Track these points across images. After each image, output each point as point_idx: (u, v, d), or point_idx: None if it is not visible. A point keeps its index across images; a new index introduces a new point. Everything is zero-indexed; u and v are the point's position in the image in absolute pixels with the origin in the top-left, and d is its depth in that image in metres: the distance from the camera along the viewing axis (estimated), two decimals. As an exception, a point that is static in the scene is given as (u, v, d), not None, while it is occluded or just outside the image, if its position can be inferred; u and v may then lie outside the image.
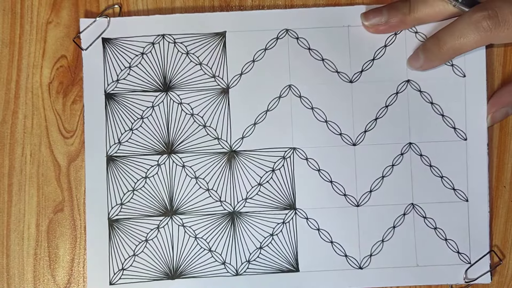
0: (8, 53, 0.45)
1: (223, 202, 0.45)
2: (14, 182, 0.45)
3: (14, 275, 0.45)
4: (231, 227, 0.44)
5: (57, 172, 0.45)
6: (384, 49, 0.45)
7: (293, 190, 0.45)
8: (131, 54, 0.45)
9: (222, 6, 0.46)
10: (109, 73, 0.45)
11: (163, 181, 0.44)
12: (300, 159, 0.45)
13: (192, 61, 0.45)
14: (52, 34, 0.45)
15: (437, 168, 0.44)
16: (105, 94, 0.45)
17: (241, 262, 0.44)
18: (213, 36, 0.45)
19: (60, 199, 0.45)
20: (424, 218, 0.44)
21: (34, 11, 0.45)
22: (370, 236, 0.44)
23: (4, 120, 0.45)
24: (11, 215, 0.45)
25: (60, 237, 0.45)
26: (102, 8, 0.45)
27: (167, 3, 0.46)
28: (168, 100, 0.45)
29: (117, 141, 0.45)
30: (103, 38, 0.45)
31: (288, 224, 0.44)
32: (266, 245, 0.44)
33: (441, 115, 0.45)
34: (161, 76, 0.45)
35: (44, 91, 0.45)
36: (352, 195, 0.44)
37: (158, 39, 0.45)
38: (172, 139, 0.45)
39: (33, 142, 0.45)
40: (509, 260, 0.45)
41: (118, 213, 0.44)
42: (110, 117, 0.45)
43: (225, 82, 0.45)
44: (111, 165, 0.44)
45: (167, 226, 0.44)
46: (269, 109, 0.45)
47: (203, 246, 0.44)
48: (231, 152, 0.45)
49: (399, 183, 0.44)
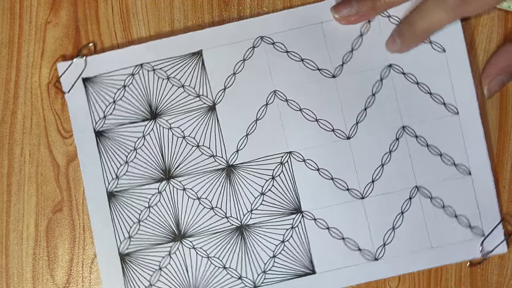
0: (7, 53, 0.46)
1: (229, 218, 0.45)
2: (13, 182, 0.45)
3: (13, 275, 0.45)
4: (241, 241, 0.44)
5: (56, 172, 0.45)
6: (360, 39, 0.45)
7: (296, 194, 0.44)
8: (113, 89, 0.45)
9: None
10: (95, 111, 0.45)
11: (166, 207, 0.45)
12: (297, 161, 0.45)
13: (174, 85, 0.45)
14: (51, 34, 0.46)
15: (435, 146, 0.44)
16: (95, 132, 0.45)
17: (257, 274, 0.44)
18: (191, 57, 0.45)
19: (59, 199, 0.45)
20: (430, 199, 0.44)
21: (33, 11, 0.46)
22: (380, 226, 0.44)
23: (3, 120, 0.45)
24: (10, 215, 0.45)
25: (59, 237, 0.45)
26: (101, 8, 0.46)
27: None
28: (158, 127, 0.45)
29: (115, 176, 0.45)
30: (83, 78, 0.45)
31: (297, 229, 0.44)
32: (279, 253, 0.44)
33: (429, 93, 0.44)
34: (147, 104, 0.45)
35: (43, 91, 0.46)
36: (355, 188, 0.44)
37: (137, 69, 0.45)
38: (169, 164, 0.45)
39: (32, 142, 0.45)
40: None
41: (128, 246, 0.44)
42: (103, 153, 0.45)
43: (211, 100, 0.45)
44: (113, 200, 0.45)
45: (178, 251, 0.44)
46: (259, 118, 0.45)
47: (217, 265, 0.44)
48: (229, 167, 0.45)
49: (399, 168, 0.44)
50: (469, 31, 0.45)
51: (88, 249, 0.45)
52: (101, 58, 0.45)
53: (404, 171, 0.44)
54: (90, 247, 0.45)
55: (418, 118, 0.44)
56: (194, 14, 0.46)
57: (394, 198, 0.44)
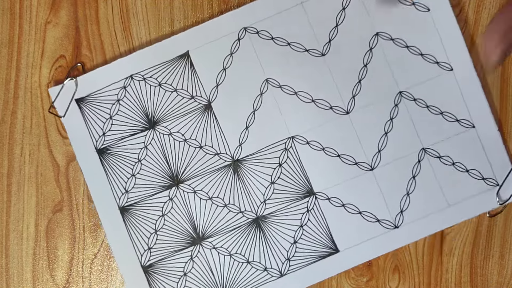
0: (7, 53, 0.46)
1: (244, 212, 0.44)
2: (13, 182, 0.45)
3: (13, 275, 0.45)
4: (260, 233, 0.44)
5: (56, 172, 0.45)
6: (343, 12, 0.45)
7: (306, 177, 0.44)
8: (108, 104, 0.45)
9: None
10: (93, 129, 0.45)
11: (180, 212, 0.45)
12: (301, 145, 0.45)
13: (167, 90, 0.45)
14: (51, 34, 0.46)
15: (435, 106, 0.44)
16: (96, 151, 0.45)
17: (281, 262, 0.44)
18: (178, 60, 0.45)
19: (59, 199, 0.45)
20: (439, 158, 0.44)
21: (33, 11, 0.46)
22: (394, 193, 0.44)
23: (3, 120, 0.45)
24: (10, 215, 0.45)
25: (59, 237, 0.45)
26: (101, 8, 0.46)
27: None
28: (158, 135, 0.45)
29: (124, 191, 0.45)
30: (76, 99, 0.45)
31: (313, 211, 0.44)
32: (300, 238, 0.44)
33: (420, 55, 0.44)
34: (143, 114, 0.45)
35: (43, 91, 0.46)
36: (363, 161, 0.44)
37: (128, 81, 0.45)
38: (175, 170, 0.45)
39: (32, 142, 0.45)
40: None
41: (149, 258, 0.44)
42: (109, 170, 0.45)
43: (205, 99, 0.45)
44: (126, 215, 0.45)
45: (199, 253, 0.44)
46: (256, 109, 0.45)
47: (241, 260, 0.44)
48: (235, 162, 0.45)
49: (403, 134, 0.44)
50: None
51: (88, 249, 0.45)
52: (91, 76, 0.45)
53: (408, 135, 0.44)
54: (90, 247, 0.45)
55: (414, 81, 0.44)
56: (194, 14, 0.46)
57: (403, 163, 0.44)
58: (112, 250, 0.44)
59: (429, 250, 0.44)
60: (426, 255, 0.44)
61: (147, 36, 0.46)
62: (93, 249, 0.45)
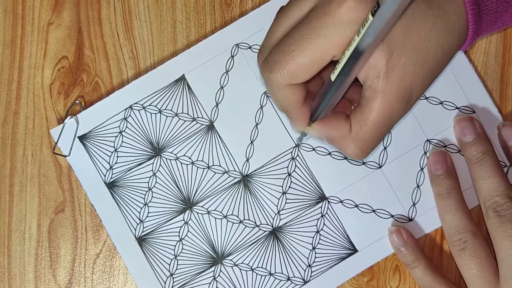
0: (10, 54, 0.46)
1: (260, 226, 0.45)
2: (16, 183, 0.45)
3: (16, 275, 0.45)
4: (278, 244, 0.45)
5: (58, 173, 0.45)
6: None
7: (316, 183, 0.45)
8: (111, 137, 0.45)
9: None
10: (100, 164, 0.45)
11: (197, 234, 0.45)
12: (308, 152, 0.45)
13: (168, 116, 0.45)
14: (54, 35, 0.46)
15: (433, 97, 0.45)
16: (106, 185, 0.45)
17: (303, 270, 0.45)
18: (175, 84, 0.45)
19: (61, 199, 0.45)
20: (444, 147, 0.45)
21: (35, 12, 0.46)
22: (405, 188, 0.45)
23: (6, 121, 0.45)
24: (12, 215, 0.45)
25: (61, 237, 0.45)
26: (104, 10, 0.46)
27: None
28: (165, 161, 0.45)
29: (139, 221, 0.45)
30: (79, 136, 0.45)
31: (327, 215, 0.45)
32: (318, 244, 0.45)
33: None
34: (148, 143, 0.45)
35: (46, 92, 0.46)
36: (370, 160, 0.45)
37: (127, 112, 0.45)
38: (186, 193, 0.45)
39: (35, 143, 0.45)
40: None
41: (172, 285, 0.45)
42: (121, 203, 0.45)
43: (207, 119, 0.45)
44: (144, 245, 0.45)
45: (221, 273, 0.45)
46: (258, 123, 0.45)
47: (263, 273, 0.45)
48: (244, 177, 0.45)
49: (407, 128, 0.45)
50: None
51: (90, 250, 0.45)
52: (91, 112, 0.45)
53: (411, 129, 0.45)
54: (92, 247, 0.45)
55: None
56: (196, 15, 0.46)
57: (410, 157, 0.45)
58: (136, 283, 0.44)
59: (429, 251, 0.45)
60: (426, 255, 0.44)
61: (149, 37, 0.46)
62: (95, 249, 0.45)
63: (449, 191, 0.43)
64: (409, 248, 0.43)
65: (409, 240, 0.43)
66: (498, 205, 0.41)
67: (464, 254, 0.41)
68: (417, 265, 0.43)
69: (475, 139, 0.43)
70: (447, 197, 0.43)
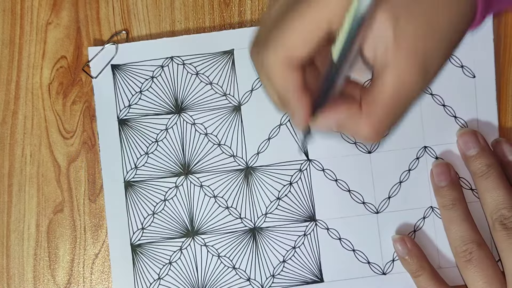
0: (8, 54, 0.45)
1: (244, 219, 0.45)
2: (14, 183, 0.45)
3: (14, 275, 0.45)
4: (253, 243, 0.45)
5: (57, 173, 0.45)
6: None
7: (312, 202, 0.45)
8: (141, 79, 0.45)
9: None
10: (120, 99, 0.45)
11: (182, 202, 0.45)
12: (316, 170, 0.45)
13: (203, 81, 0.45)
14: (52, 35, 0.45)
15: (450, 106, 0.45)
16: (118, 120, 0.45)
17: (265, 277, 0.45)
18: (222, 55, 0.45)
19: (60, 199, 0.45)
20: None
21: (34, 12, 0.45)
22: (391, 241, 0.45)
23: (4, 121, 0.45)
24: (11, 215, 0.45)
25: (60, 237, 0.45)
26: (102, 9, 0.45)
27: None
28: (182, 122, 0.45)
29: (134, 166, 0.45)
30: (112, 65, 0.45)
31: (309, 236, 0.45)
32: (289, 258, 0.45)
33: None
34: (173, 98, 0.45)
35: (44, 92, 0.45)
36: (371, 202, 0.45)
37: (167, 61, 0.45)
38: (188, 160, 0.45)
39: (33, 143, 0.45)
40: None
41: (140, 238, 0.44)
42: (124, 142, 0.45)
43: (237, 100, 0.45)
44: (129, 190, 0.44)
45: (189, 247, 0.44)
46: (282, 123, 0.45)
47: (227, 264, 0.44)
48: (248, 168, 0.45)
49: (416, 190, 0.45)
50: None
51: (89, 250, 0.45)
52: (133, 46, 0.45)
53: (420, 191, 0.45)
54: (91, 247, 0.45)
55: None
56: (195, 15, 0.46)
57: (408, 215, 0.45)
58: (107, 220, 0.44)
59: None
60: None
61: (147, 37, 0.46)
62: (94, 249, 0.45)
63: (454, 202, 0.43)
64: (413, 256, 0.43)
65: (413, 249, 0.43)
66: (504, 218, 0.40)
67: (470, 266, 0.41)
68: (421, 274, 0.43)
69: (479, 152, 0.43)
70: (451, 208, 0.43)
